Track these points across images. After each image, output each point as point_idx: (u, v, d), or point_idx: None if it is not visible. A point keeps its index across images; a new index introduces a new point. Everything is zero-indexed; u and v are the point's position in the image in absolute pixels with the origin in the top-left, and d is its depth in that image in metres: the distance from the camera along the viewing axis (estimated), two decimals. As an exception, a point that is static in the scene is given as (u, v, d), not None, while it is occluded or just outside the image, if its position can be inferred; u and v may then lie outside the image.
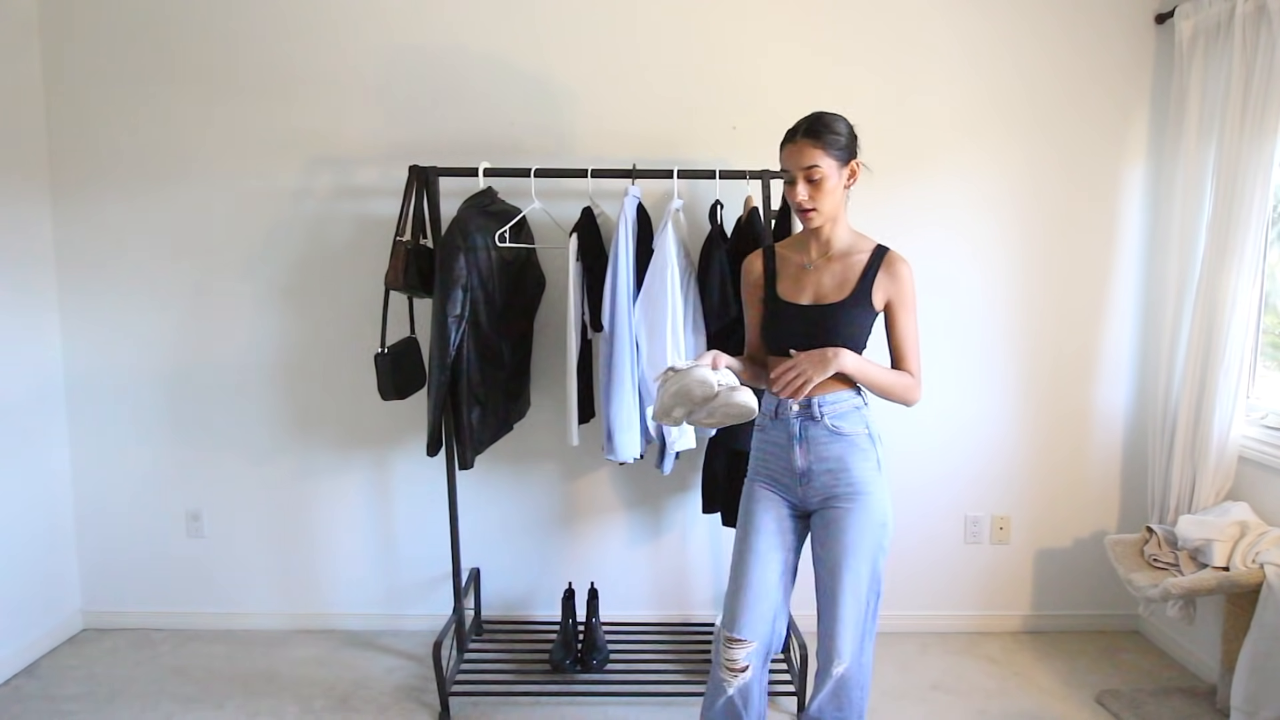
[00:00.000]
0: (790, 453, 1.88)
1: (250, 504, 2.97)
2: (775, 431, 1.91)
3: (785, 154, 1.82)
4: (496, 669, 2.68)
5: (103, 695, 2.57)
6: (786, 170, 1.82)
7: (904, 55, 2.80)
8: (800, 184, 1.80)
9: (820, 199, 1.80)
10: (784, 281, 1.91)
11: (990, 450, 2.95)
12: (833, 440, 1.86)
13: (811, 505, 1.90)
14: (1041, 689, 2.64)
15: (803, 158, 1.78)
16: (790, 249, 1.96)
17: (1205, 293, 2.52)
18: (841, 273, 1.87)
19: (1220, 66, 2.49)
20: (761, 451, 1.96)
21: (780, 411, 1.90)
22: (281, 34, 2.80)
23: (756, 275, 1.97)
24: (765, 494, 1.93)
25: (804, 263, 1.90)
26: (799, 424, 1.87)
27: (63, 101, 2.83)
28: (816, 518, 1.90)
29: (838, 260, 1.88)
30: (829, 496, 1.87)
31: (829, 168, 1.78)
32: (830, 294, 1.86)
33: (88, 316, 2.90)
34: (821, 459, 1.86)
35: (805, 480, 1.88)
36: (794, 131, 1.81)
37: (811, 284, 1.88)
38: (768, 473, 1.93)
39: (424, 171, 2.53)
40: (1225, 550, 2.33)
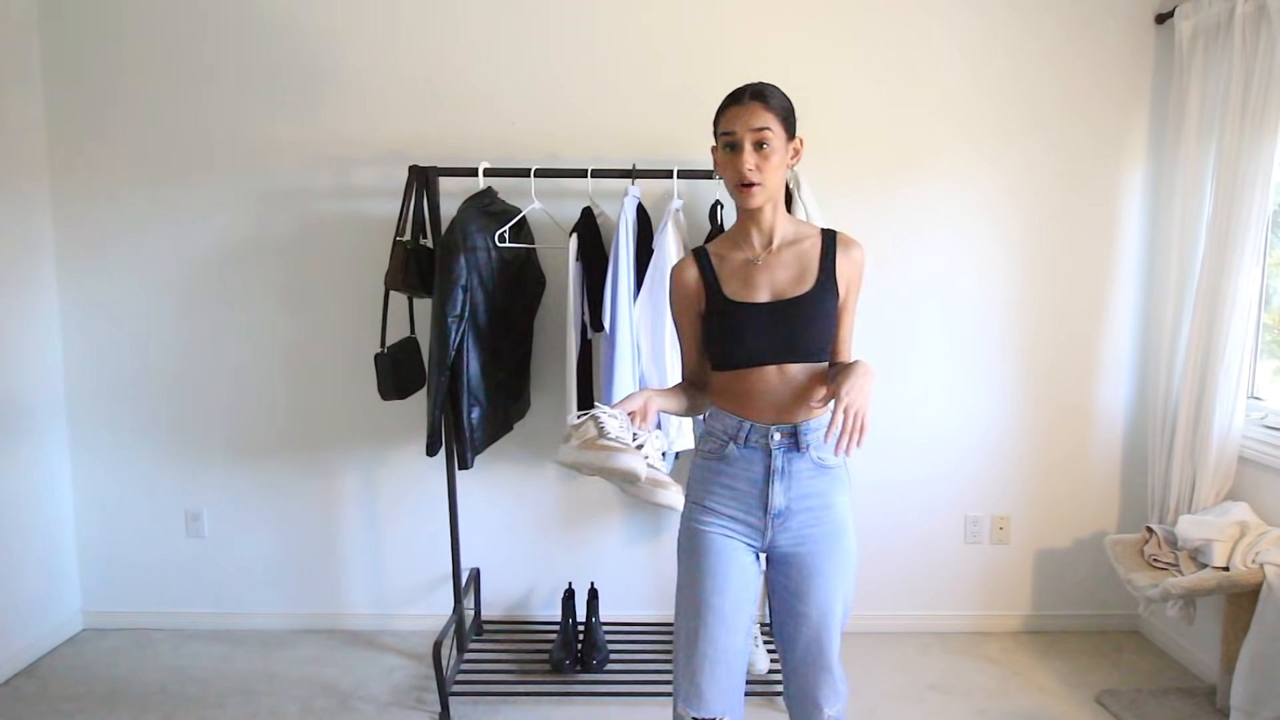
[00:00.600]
0: (764, 490, 1.59)
1: (250, 504, 2.96)
2: (743, 464, 1.60)
3: (729, 117, 1.56)
4: (496, 669, 2.67)
5: (102, 695, 2.56)
6: (730, 134, 1.55)
7: (902, 57, 2.79)
8: (747, 151, 1.53)
9: (768, 172, 1.55)
10: (730, 283, 1.63)
11: (990, 450, 2.94)
12: (817, 474, 1.61)
13: (780, 548, 1.62)
14: (1041, 689, 2.62)
15: (753, 119, 1.53)
16: (726, 248, 1.67)
17: (1205, 293, 2.51)
18: (796, 262, 1.62)
19: (1220, 67, 2.48)
20: (717, 485, 1.62)
21: (750, 438, 1.59)
22: (280, 34, 2.79)
23: (692, 284, 1.66)
24: (722, 541, 1.60)
25: (749, 258, 1.63)
26: (782, 456, 1.59)
27: (63, 101, 2.82)
28: (784, 560, 1.63)
29: (786, 250, 1.64)
30: (804, 538, 1.61)
31: (778, 136, 1.55)
32: (791, 287, 1.61)
33: (87, 316, 2.90)
34: (804, 496, 1.60)
35: (780, 521, 1.60)
36: (740, 93, 1.57)
37: (765, 280, 1.61)
38: (726, 512, 1.60)
39: (424, 171, 2.53)
40: (1225, 550, 2.32)
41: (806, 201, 2.48)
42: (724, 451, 1.62)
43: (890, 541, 2.95)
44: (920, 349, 2.91)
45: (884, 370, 2.90)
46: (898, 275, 2.86)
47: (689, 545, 1.64)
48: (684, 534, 1.66)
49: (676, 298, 1.70)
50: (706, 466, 1.65)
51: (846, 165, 2.81)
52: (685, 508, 1.65)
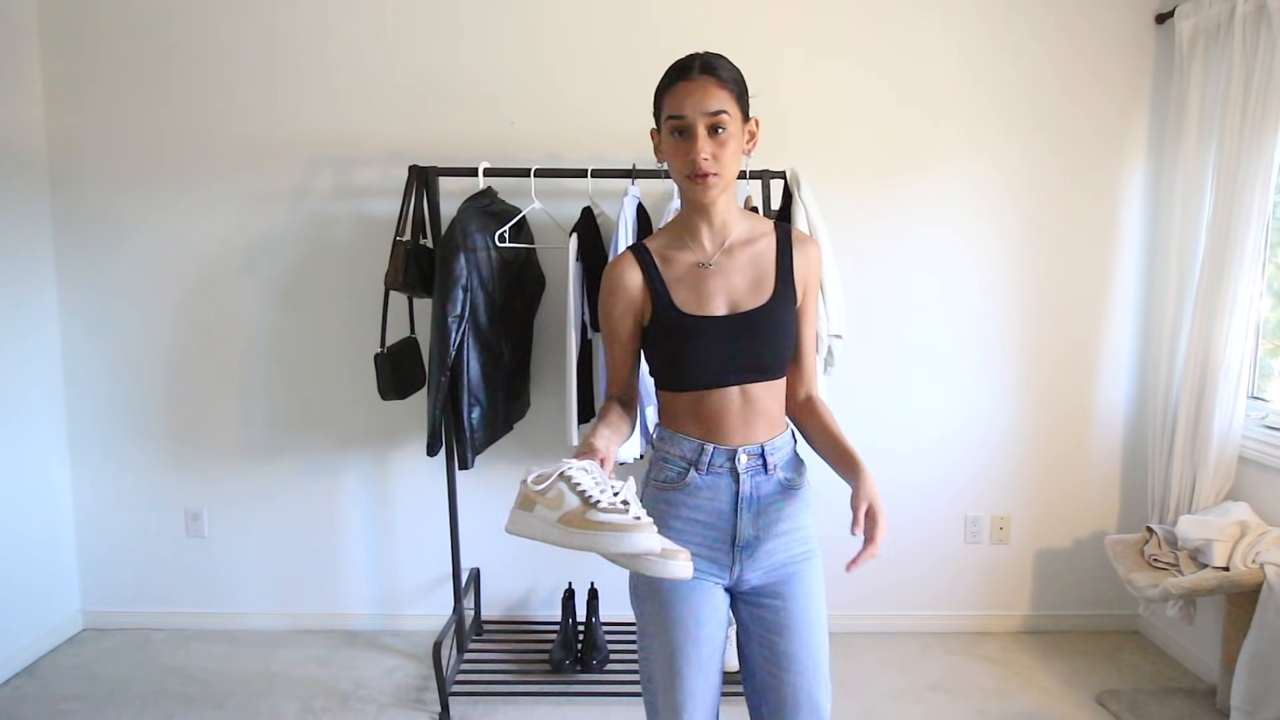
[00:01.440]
0: (732, 520, 1.39)
1: (250, 504, 2.94)
2: (707, 492, 1.39)
3: (678, 94, 1.33)
4: (496, 669, 2.65)
5: (102, 695, 2.55)
6: (679, 117, 1.32)
7: (903, 56, 2.77)
8: (701, 137, 1.31)
9: (724, 159, 1.33)
10: (680, 290, 1.39)
11: (990, 450, 2.92)
12: (785, 498, 1.43)
13: (748, 582, 1.43)
14: (1041, 689, 2.60)
15: (708, 99, 1.31)
16: (671, 246, 1.44)
17: (1205, 293, 2.50)
18: (751, 266, 1.41)
19: (1220, 67, 2.47)
20: (676, 519, 1.40)
21: (714, 463, 1.39)
22: (281, 34, 2.78)
23: (634, 289, 1.41)
24: (690, 581, 1.37)
25: (699, 260, 1.41)
26: (750, 481, 1.40)
27: (62, 101, 2.81)
28: (757, 595, 1.43)
29: (740, 250, 1.42)
30: (777, 567, 1.43)
31: (735, 119, 1.34)
32: (748, 296, 1.40)
33: (87, 316, 2.88)
34: (773, 522, 1.41)
35: (748, 553, 1.41)
36: (686, 67, 1.34)
37: (719, 287, 1.39)
38: (692, 547, 1.37)
39: (424, 171, 2.53)
40: (1225, 550, 2.30)
41: (806, 201, 2.46)
42: (684, 480, 1.40)
43: (890, 542, 2.86)
44: (920, 349, 2.88)
45: (883, 370, 2.90)
46: (898, 274, 2.84)
47: (651, 590, 1.41)
48: (641, 577, 1.41)
49: (613, 302, 1.43)
50: (662, 497, 1.42)
51: (846, 164, 2.80)
52: None
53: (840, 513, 1.37)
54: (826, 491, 1.60)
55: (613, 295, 1.43)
